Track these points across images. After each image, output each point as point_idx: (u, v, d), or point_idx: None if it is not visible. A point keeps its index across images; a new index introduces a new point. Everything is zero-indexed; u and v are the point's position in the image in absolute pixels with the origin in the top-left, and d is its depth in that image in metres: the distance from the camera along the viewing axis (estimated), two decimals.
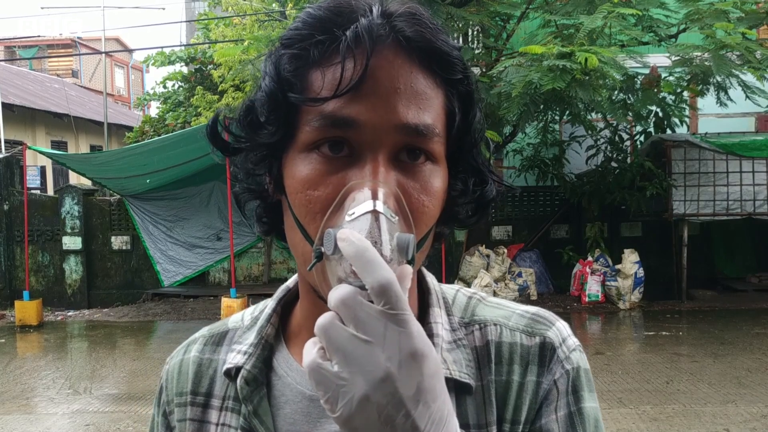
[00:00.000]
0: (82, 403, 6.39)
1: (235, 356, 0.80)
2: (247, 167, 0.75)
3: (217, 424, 0.80)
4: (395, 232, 0.59)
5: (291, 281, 0.86)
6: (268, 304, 0.85)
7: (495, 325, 0.78)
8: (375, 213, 0.58)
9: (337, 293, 0.53)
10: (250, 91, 0.74)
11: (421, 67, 0.67)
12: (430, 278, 0.82)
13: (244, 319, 0.86)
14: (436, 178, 0.69)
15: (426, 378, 0.52)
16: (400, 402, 0.51)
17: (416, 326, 0.53)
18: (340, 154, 0.66)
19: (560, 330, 0.78)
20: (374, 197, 0.60)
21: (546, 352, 0.76)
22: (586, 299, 10.27)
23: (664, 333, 8.70)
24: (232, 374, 0.80)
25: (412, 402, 0.51)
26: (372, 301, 0.52)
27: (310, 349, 0.53)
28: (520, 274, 10.63)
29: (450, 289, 0.84)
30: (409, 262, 0.58)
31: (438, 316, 0.79)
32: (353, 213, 0.59)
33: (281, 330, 0.83)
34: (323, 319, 0.53)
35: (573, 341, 0.78)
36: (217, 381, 0.82)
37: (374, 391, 0.51)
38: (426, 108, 0.67)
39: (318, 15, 0.67)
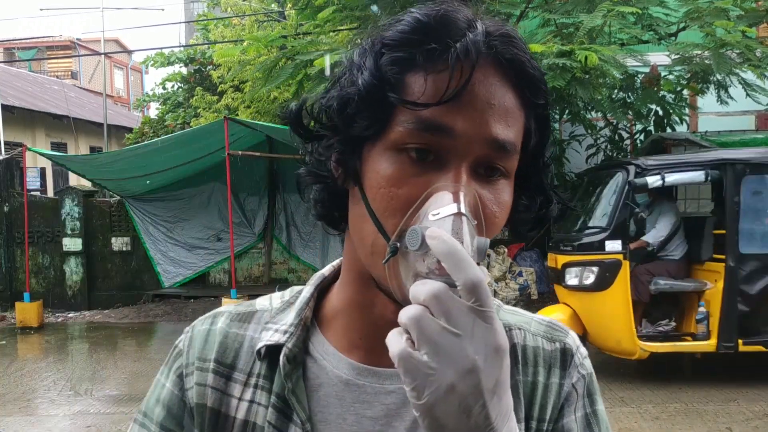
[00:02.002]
0: (83, 405, 6.39)
1: (273, 335, 0.81)
2: (322, 154, 0.76)
3: (239, 399, 0.81)
4: (475, 236, 0.62)
5: (326, 270, 0.88)
6: (300, 289, 0.87)
7: (519, 329, 0.84)
8: (459, 215, 0.61)
9: (427, 288, 0.56)
10: (338, 82, 0.75)
11: (513, 88, 0.71)
12: None
13: (273, 303, 0.88)
14: (507, 192, 0.72)
15: (503, 373, 0.56)
16: (480, 394, 0.55)
17: (499, 323, 0.56)
18: (427, 158, 0.69)
19: (574, 338, 0.85)
20: (457, 200, 0.63)
21: (567, 357, 0.83)
22: None
23: None
24: (264, 353, 0.81)
25: (490, 394, 0.55)
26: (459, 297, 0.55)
27: (398, 339, 0.56)
28: (520, 274, 10.62)
29: None
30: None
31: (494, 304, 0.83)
32: (438, 213, 0.62)
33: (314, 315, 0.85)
34: (413, 310, 0.55)
35: (584, 349, 0.86)
36: (242, 355, 0.83)
37: (460, 381, 0.54)
38: (512, 125, 0.71)
39: (426, 22, 0.70)
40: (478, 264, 0.60)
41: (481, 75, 0.68)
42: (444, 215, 0.61)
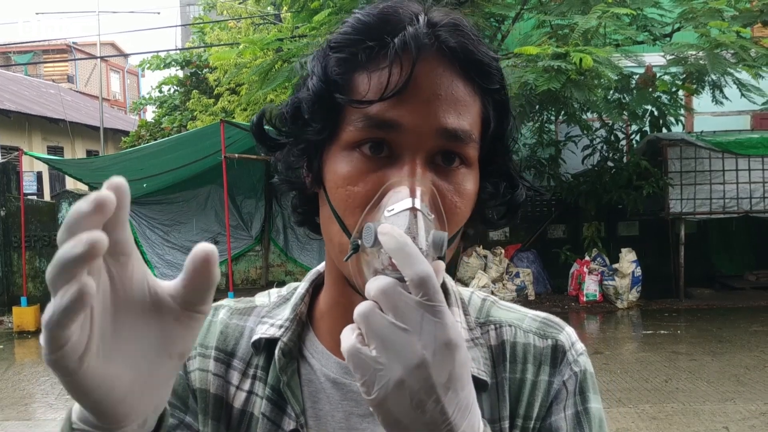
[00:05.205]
0: None
1: (269, 329, 0.82)
2: (288, 161, 0.78)
3: (237, 388, 0.82)
4: (431, 230, 0.62)
5: (321, 266, 0.88)
6: (297, 285, 0.88)
7: (510, 326, 0.83)
8: (413, 210, 0.61)
9: (376, 283, 0.56)
10: (296, 89, 0.77)
11: (462, 76, 0.71)
12: (448, 279, 0.85)
13: (271, 297, 0.89)
14: (469, 181, 0.72)
15: (457, 367, 0.55)
16: (432, 388, 0.54)
17: (450, 318, 0.55)
18: (380, 155, 0.69)
19: (569, 335, 0.84)
20: (413, 195, 0.63)
21: (558, 354, 0.81)
22: (584, 299, 10.27)
23: (662, 332, 8.71)
24: (260, 345, 0.82)
25: (443, 389, 0.54)
26: (410, 293, 0.55)
27: (349, 335, 0.56)
28: (517, 275, 10.63)
29: (465, 291, 0.88)
30: (441, 258, 0.61)
31: (457, 315, 0.82)
32: (392, 209, 0.62)
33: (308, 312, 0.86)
34: (363, 306, 0.56)
35: (580, 346, 0.84)
36: (241, 344, 0.84)
37: (409, 376, 0.54)
38: (464, 114, 0.70)
39: (367, 21, 0.71)
40: (440, 258, 0.61)
41: (425, 66, 0.68)
42: (398, 211, 0.62)
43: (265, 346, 0.82)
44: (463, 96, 0.70)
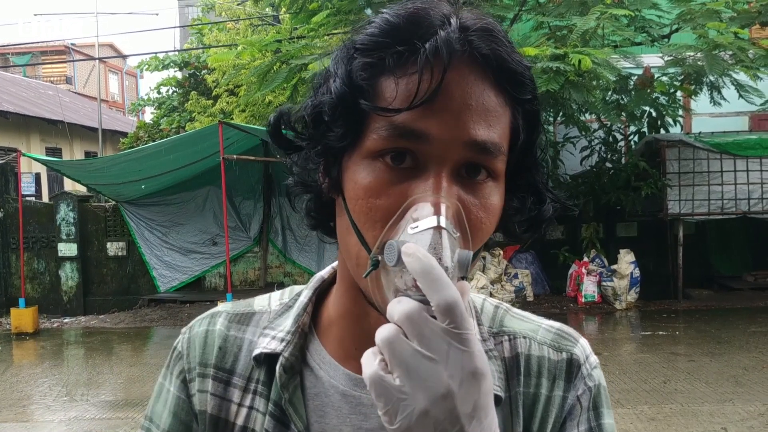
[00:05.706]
0: (78, 410, 6.37)
1: (270, 342, 0.79)
2: (305, 164, 0.74)
3: (239, 405, 0.79)
4: (456, 249, 0.59)
5: (325, 272, 0.85)
6: (300, 292, 0.85)
7: (524, 338, 0.81)
8: (439, 229, 0.59)
9: (401, 307, 0.54)
10: (314, 88, 0.73)
11: (493, 85, 0.67)
12: None
13: (272, 304, 0.85)
14: (495, 195, 0.69)
15: (482, 396, 0.54)
16: (457, 419, 0.53)
17: (477, 345, 0.54)
18: (403, 165, 0.66)
19: (584, 347, 0.81)
20: (438, 213, 0.60)
21: (573, 369, 0.79)
22: (583, 300, 10.28)
23: (660, 333, 8.72)
24: (261, 359, 0.79)
25: (468, 418, 0.53)
26: (435, 317, 0.53)
27: (371, 360, 0.55)
28: (516, 276, 10.63)
29: (477, 298, 0.85)
30: (465, 278, 0.59)
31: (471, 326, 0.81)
32: (416, 226, 0.59)
33: (312, 320, 0.83)
34: (387, 331, 0.54)
35: (594, 359, 0.81)
36: (240, 359, 0.81)
37: (434, 406, 0.52)
38: (494, 125, 0.67)
39: (396, 23, 0.66)
40: (463, 278, 0.59)
41: (456, 74, 0.64)
42: (422, 228, 0.59)
43: (266, 359, 0.79)
44: (494, 106, 0.67)
